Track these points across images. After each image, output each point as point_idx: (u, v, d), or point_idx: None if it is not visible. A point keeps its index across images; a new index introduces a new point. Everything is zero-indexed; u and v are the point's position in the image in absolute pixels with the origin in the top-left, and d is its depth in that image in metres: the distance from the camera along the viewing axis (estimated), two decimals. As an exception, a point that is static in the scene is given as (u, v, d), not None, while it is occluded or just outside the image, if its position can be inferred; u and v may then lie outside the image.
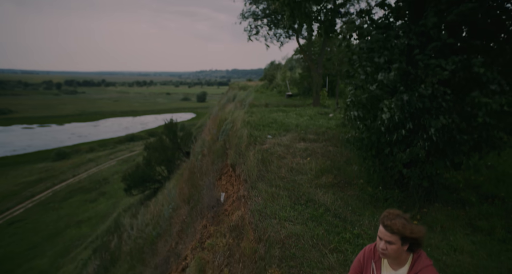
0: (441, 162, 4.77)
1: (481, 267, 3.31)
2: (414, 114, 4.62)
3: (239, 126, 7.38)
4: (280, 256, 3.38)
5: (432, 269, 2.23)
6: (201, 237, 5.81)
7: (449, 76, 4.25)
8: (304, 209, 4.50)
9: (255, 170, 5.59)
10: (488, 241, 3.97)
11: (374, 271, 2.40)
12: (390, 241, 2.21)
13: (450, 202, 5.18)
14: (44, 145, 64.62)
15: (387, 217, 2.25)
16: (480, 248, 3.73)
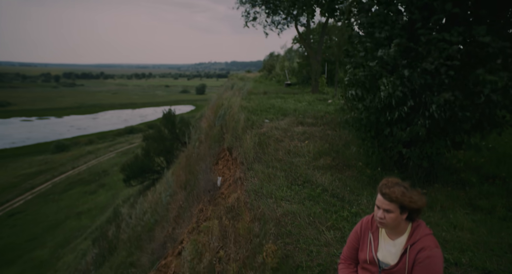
0: (442, 141, 4.66)
1: (481, 243, 3.23)
2: (415, 91, 4.49)
3: (236, 111, 7.26)
4: (275, 233, 3.29)
5: (432, 238, 2.13)
6: (197, 221, 5.73)
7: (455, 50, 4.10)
8: (301, 189, 4.41)
9: (251, 152, 5.48)
10: (488, 219, 3.88)
11: (371, 241, 2.30)
12: (388, 210, 2.11)
13: (450, 183, 5.09)
14: (43, 138, 64.49)
15: (385, 185, 2.15)
16: (480, 225, 3.64)
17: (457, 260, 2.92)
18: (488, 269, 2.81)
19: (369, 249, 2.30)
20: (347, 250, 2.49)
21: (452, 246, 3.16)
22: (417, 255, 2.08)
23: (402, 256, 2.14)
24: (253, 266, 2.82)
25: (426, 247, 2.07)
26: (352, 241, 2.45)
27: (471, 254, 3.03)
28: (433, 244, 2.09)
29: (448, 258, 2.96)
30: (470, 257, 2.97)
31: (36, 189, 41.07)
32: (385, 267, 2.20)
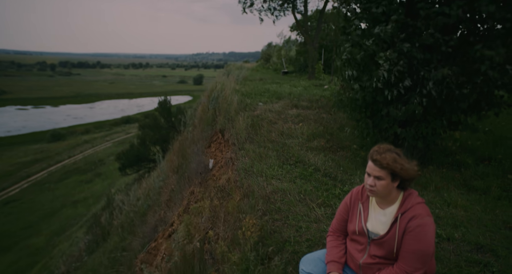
0: (438, 121, 4.55)
1: (474, 219, 3.14)
2: (413, 68, 4.36)
3: (229, 94, 7.12)
4: (264, 210, 3.19)
5: (424, 206, 2.03)
6: (188, 203, 5.63)
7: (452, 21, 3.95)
8: (293, 169, 4.30)
9: (243, 133, 5.36)
10: (483, 199, 3.80)
11: (361, 212, 2.20)
12: (379, 177, 2.00)
13: (445, 164, 5.00)
14: (39, 127, 64.06)
15: (376, 152, 2.03)
16: (475, 204, 3.55)
17: (450, 236, 2.84)
18: (481, 243, 2.72)
19: (359, 219, 2.20)
20: (336, 222, 2.39)
21: (445, 222, 3.07)
22: (407, 223, 1.97)
23: (392, 225, 2.03)
24: (238, 243, 2.72)
25: (417, 215, 1.97)
26: (341, 213, 2.35)
27: (464, 229, 2.95)
28: (425, 212, 1.99)
29: (440, 233, 2.87)
30: (463, 233, 2.89)
31: (32, 177, 40.95)
32: (374, 237, 2.10)
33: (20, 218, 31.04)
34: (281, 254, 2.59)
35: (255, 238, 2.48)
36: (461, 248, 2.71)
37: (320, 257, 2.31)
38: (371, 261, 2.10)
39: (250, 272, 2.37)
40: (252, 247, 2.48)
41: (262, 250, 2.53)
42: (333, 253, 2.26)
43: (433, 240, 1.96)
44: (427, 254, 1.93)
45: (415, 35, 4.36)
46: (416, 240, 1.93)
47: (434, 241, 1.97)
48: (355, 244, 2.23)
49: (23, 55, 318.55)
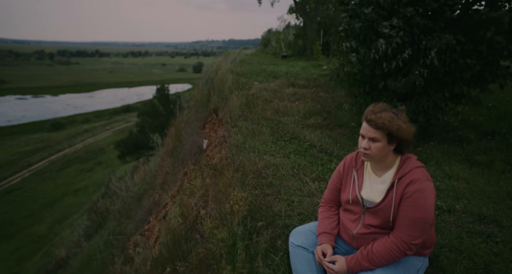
0: (439, 93, 4.33)
1: (477, 191, 2.97)
2: (415, 37, 4.11)
3: (224, 73, 6.88)
4: (254, 184, 3.02)
5: (423, 170, 1.84)
6: (181, 184, 5.49)
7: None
8: (287, 145, 4.11)
9: (237, 111, 5.16)
10: (486, 172, 3.62)
11: (355, 179, 2.02)
12: (374, 138, 1.81)
13: (447, 140, 4.81)
14: (39, 116, 63.90)
15: (371, 111, 1.83)
16: (478, 176, 3.38)
17: (451, 207, 2.67)
18: (484, 214, 2.56)
19: (352, 187, 2.02)
20: (328, 192, 2.21)
21: (446, 194, 2.90)
22: (405, 189, 1.79)
23: (388, 192, 1.85)
24: (226, 218, 2.56)
25: (415, 179, 1.78)
26: (334, 182, 2.17)
27: (466, 201, 2.78)
28: (424, 176, 1.80)
29: (441, 205, 2.70)
30: (464, 204, 2.72)
31: (33, 166, 41.04)
32: (369, 206, 1.92)
33: (22, 206, 31.23)
34: (271, 229, 2.43)
35: (243, 212, 2.32)
36: (462, 219, 2.55)
37: (311, 229, 2.14)
38: (366, 231, 1.94)
39: (237, 248, 2.21)
40: (240, 221, 2.32)
41: (251, 224, 2.37)
42: (325, 224, 2.09)
43: (433, 206, 1.78)
44: (426, 222, 1.76)
45: (417, 1, 4.10)
46: (414, 206, 1.76)
47: (433, 207, 1.79)
48: (349, 214, 2.06)
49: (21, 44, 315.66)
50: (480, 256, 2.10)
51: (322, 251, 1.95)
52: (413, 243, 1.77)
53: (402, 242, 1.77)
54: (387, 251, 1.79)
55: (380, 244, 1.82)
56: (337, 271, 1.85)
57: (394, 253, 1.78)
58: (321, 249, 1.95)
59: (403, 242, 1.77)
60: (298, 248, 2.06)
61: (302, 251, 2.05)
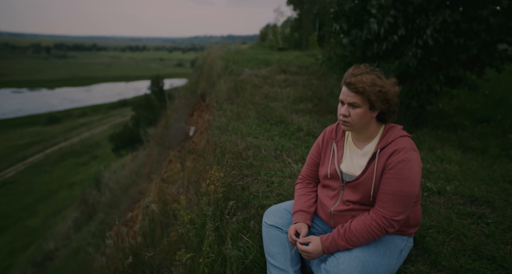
0: (434, 76, 4.14)
1: (469, 174, 2.79)
2: (408, 16, 3.91)
3: (214, 59, 6.65)
4: (232, 165, 2.82)
5: (409, 140, 1.65)
6: (166, 172, 5.30)
7: None
8: (273, 128, 3.92)
9: (224, 95, 4.95)
10: (480, 157, 3.45)
11: (335, 152, 1.82)
12: (353, 104, 1.61)
13: (441, 127, 4.63)
14: (35, 109, 63.40)
15: (351, 74, 1.63)
16: (471, 160, 3.20)
17: (441, 189, 2.49)
18: (476, 196, 2.38)
19: (332, 161, 1.82)
20: (306, 168, 2.02)
21: (436, 176, 2.72)
22: (388, 159, 1.60)
23: (369, 164, 1.66)
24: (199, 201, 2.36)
25: (399, 149, 1.59)
26: (312, 156, 1.97)
27: (458, 183, 2.60)
28: (409, 146, 1.61)
29: (430, 186, 2.52)
30: (455, 186, 2.54)
31: (28, 160, 40.74)
32: (348, 180, 1.73)
33: (16, 199, 31.04)
34: (247, 210, 2.24)
35: (219, 194, 2.13)
36: (453, 201, 2.37)
37: (287, 208, 1.95)
38: (344, 207, 1.74)
39: (207, 229, 2.02)
40: (212, 201, 2.13)
41: (223, 204, 2.18)
42: (301, 202, 1.89)
43: (418, 179, 1.59)
44: (410, 196, 1.57)
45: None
46: (397, 178, 1.56)
47: (419, 180, 1.60)
48: (327, 190, 1.87)
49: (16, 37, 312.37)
50: (470, 237, 1.93)
51: (296, 230, 1.76)
52: (395, 220, 1.58)
53: (383, 218, 1.58)
54: (366, 229, 1.60)
55: (359, 221, 1.63)
56: (311, 252, 1.65)
57: (374, 230, 1.59)
58: (295, 228, 1.76)
59: (383, 218, 1.58)
60: (271, 228, 1.87)
61: (276, 231, 1.85)
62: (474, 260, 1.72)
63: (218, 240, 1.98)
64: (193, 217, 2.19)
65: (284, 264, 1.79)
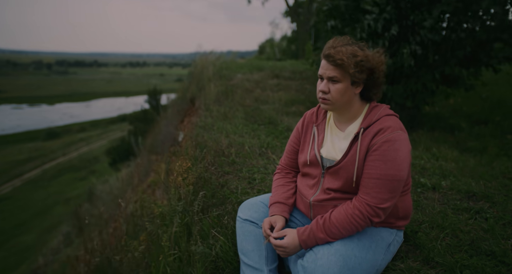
0: (429, 74, 3.98)
1: (467, 170, 2.59)
2: (402, 13, 3.78)
3: (206, 65, 6.54)
4: (212, 162, 2.63)
5: (395, 119, 1.47)
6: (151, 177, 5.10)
7: None
8: (261, 128, 3.74)
9: (213, 98, 4.80)
10: (478, 156, 3.26)
11: (315, 136, 1.63)
12: (333, 78, 1.43)
13: (437, 128, 4.45)
14: (34, 125, 63.42)
15: (330, 46, 1.47)
16: (469, 158, 3.01)
17: (436, 185, 2.29)
18: (474, 191, 2.18)
19: (311, 146, 1.63)
20: (285, 156, 1.83)
21: (431, 172, 2.53)
22: (372, 139, 1.41)
23: (352, 145, 1.47)
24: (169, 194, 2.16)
25: (385, 128, 1.40)
26: (291, 143, 1.78)
27: (454, 178, 2.41)
28: (396, 125, 1.42)
29: (424, 182, 2.33)
30: (452, 181, 2.34)
31: (25, 175, 40.43)
32: (329, 165, 1.54)
33: (12, 215, 30.62)
34: (224, 206, 2.04)
35: (189, 186, 1.94)
36: (448, 196, 2.17)
37: (264, 201, 1.74)
38: (324, 196, 1.55)
39: (176, 226, 1.82)
40: (182, 195, 1.94)
41: (192, 197, 1.98)
42: (278, 193, 1.70)
43: (407, 162, 1.40)
44: (397, 180, 1.38)
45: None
46: (382, 160, 1.37)
47: (408, 163, 1.41)
48: (307, 179, 1.67)
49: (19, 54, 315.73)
50: (467, 232, 1.72)
51: (271, 224, 1.56)
52: (380, 207, 1.38)
53: (367, 205, 1.39)
54: (348, 218, 1.40)
55: (340, 210, 1.44)
56: (286, 247, 1.45)
57: (357, 220, 1.39)
58: (269, 222, 1.55)
59: (367, 205, 1.39)
60: (246, 222, 1.66)
61: (250, 226, 1.65)
62: (471, 256, 1.52)
63: (187, 238, 1.78)
64: (164, 212, 1.99)
65: (259, 263, 1.58)
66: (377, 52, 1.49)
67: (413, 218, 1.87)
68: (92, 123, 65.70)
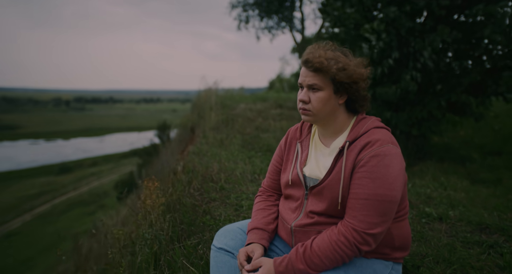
0: (434, 102, 3.80)
1: (478, 201, 2.33)
2: (402, 39, 3.69)
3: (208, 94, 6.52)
4: (198, 188, 2.45)
5: (386, 132, 1.28)
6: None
7: None
8: (257, 155, 3.56)
9: (212, 126, 4.68)
10: (491, 187, 2.98)
11: (299, 153, 1.45)
12: (313, 86, 1.27)
13: (447, 160, 4.19)
14: (49, 160, 64.53)
15: (309, 51, 1.33)
16: (481, 189, 2.74)
17: (443, 215, 2.04)
18: (486, 223, 1.92)
19: (294, 164, 1.45)
20: (267, 178, 1.63)
21: (438, 201, 2.28)
22: (358, 154, 1.22)
23: (336, 162, 1.29)
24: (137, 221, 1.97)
25: (373, 141, 1.22)
26: (274, 162, 1.59)
27: (463, 209, 2.15)
28: (386, 138, 1.24)
29: (430, 212, 2.08)
30: (461, 212, 2.09)
31: (35, 210, 40.44)
32: (313, 184, 1.34)
33: (19, 251, 30.24)
34: (202, 234, 1.83)
35: (159, 208, 1.75)
36: (457, 228, 1.91)
37: (242, 227, 1.53)
38: (307, 221, 1.33)
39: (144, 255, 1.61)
40: (153, 222, 1.74)
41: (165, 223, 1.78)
42: (258, 218, 1.48)
43: (399, 181, 1.19)
44: (388, 201, 1.17)
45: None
46: (370, 178, 1.17)
47: (401, 183, 1.20)
48: (289, 201, 1.47)
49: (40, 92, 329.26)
50: (479, 269, 1.46)
51: (248, 254, 1.34)
52: (369, 233, 1.16)
53: (353, 231, 1.17)
54: (331, 246, 1.18)
55: (323, 237, 1.22)
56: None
57: (342, 248, 1.17)
58: (246, 252, 1.33)
59: (354, 231, 1.17)
60: (220, 251, 1.44)
61: (225, 256, 1.43)
62: (485, 296, 1.26)
63: (155, 269, 1.56)
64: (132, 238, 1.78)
65: (233, 300, 1.35)
66: (361, 61, 1.34)
67: (415, 250, 1.62)
68: (104, 158, 66.42)
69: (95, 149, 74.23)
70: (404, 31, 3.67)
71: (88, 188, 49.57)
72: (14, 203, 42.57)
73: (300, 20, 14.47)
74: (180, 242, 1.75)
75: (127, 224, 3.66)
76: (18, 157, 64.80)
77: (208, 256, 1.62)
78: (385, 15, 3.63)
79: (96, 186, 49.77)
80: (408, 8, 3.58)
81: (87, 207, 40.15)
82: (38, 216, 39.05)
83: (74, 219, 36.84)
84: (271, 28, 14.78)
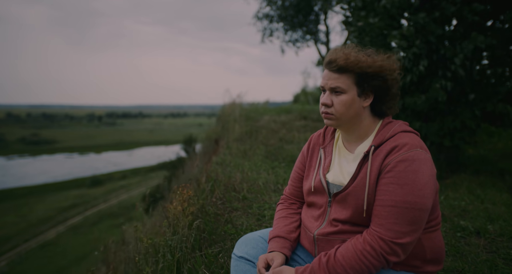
0: (467, 111, 3.60)
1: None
2: (432, 47, 3.56)
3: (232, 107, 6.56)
4: (221, 197, 2.42)
5: (414, 136, 1.21)
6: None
7: None
8: (280, 165, 3.50)
9: (236, 137, 4.69)
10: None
11: (322, 159, 1.40)
12: (336, 88, 1.23)
13: (483, 172, 3.94)
14: (82, 173, 67.08)
15: (332, 52, 1.29)
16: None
17: (480, 229, 1.89)
18: (531, 236, 1.76)
19: (317, 171, 1.40)
20: (289, 185, 1.59)
21: (474, 215, 2.12)
22: (385, 159, 1.16)
23: (361, 167, 1.23)
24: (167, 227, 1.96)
25: (400, 145, 1.15)
26: (297, 169, 1.55)
27: (504, 223, 1.99)
28: (415, 142, 1.17)
29: (466, 226, 1.93)
30: (501, 226, 1.93)
31: (68, 222, 41.86)
32: (336, 191, 1.28)
33: (52, 262, 31.30)
34: (223, 243, 1.79)
35: (188, 218, 1.74)
36: (497, 244, 1.77)
37: (263, 235, 1.48)
38: (331, 229, 1.27)
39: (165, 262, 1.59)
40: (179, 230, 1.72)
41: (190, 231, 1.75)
42: (280, 226, 1.43)
43: (430, 187, 1.12)
44: (418, 209, 1.09)
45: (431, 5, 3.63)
46: (398, 184, 1.10)
47: (431, 190, 1.12)
48: (312, 209, 1.41)
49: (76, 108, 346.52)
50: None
51: (267, 262, 1.29)
52: (397, 243, 1.09)
53: (380, 240, 1.10)
54: (357, 256, 1.11)
55: (348, 246, 1.15)
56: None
57: (368, 258, 1.10)
58: (265, 259, 1.28)
59: (381, 240, 1.10)
60: (241, 260, 1.40)
61: (245, 265, 1.38)
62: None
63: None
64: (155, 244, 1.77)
65: (253, 309, 1.30)
66: (388, 57, 1.28)
67: (450, 265, 1.50)
68: (133, 171, 68.13)
69: (125, 163, 76.48)
70: (433, 38, 3.55)
71: (117, 200, 50.86)
72: (49, 215, 44.38)
73: (325, 32, 14.44)
74: (201, 251, 1.72)
75: (154, 232, 3.68)
76: (54, 170, 67.79)
77: (229, 266, 1.57)
78: (414, 22, 3.53)
79: (125, 199, 50.97)
80: (437, 14, 3.47)
81: (116, 219, 41.05)
82: (71, 228, 40.39)
83: (104, 231, 37.72)
84: (295, 41, 14.81)
